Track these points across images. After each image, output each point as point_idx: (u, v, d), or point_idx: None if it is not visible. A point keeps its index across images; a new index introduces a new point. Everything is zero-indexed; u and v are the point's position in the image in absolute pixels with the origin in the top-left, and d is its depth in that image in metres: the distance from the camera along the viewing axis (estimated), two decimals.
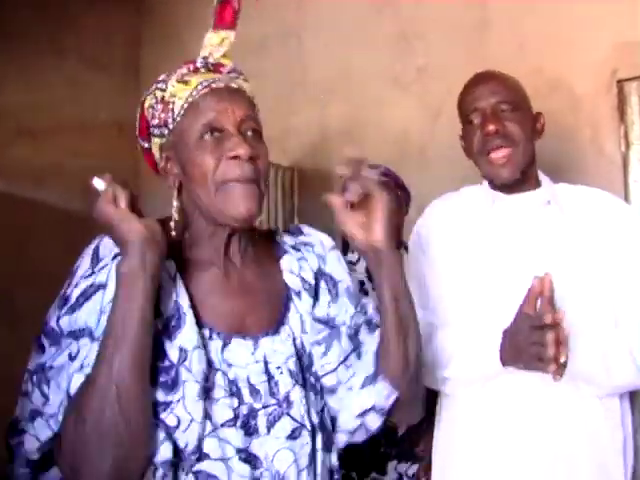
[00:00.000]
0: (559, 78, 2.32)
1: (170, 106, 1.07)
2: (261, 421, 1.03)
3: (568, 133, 2.28)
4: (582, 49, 2.28)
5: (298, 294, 1.14)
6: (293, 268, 1.16)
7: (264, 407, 1.03)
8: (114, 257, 1.00)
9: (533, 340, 1.24)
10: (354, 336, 1.17)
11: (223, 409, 1.00)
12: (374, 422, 1.14)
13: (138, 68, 3.60)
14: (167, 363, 0.98)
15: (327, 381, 1.13)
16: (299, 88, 3.05)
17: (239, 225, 1.05)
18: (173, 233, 1.06)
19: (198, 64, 1.10)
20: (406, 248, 2.04)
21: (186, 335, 1.00)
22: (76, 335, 0.98)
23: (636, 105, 2.20)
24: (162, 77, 1.11)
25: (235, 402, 1.01)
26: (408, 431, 1.89)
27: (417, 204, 2.56)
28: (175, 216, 1.08)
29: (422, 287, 1.51)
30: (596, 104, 2.27)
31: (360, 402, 1.13)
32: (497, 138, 1.42)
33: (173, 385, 0.97)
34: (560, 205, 1.47)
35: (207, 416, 0.98)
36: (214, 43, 1.11)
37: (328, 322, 1.16)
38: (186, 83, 1.07)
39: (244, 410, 1.02)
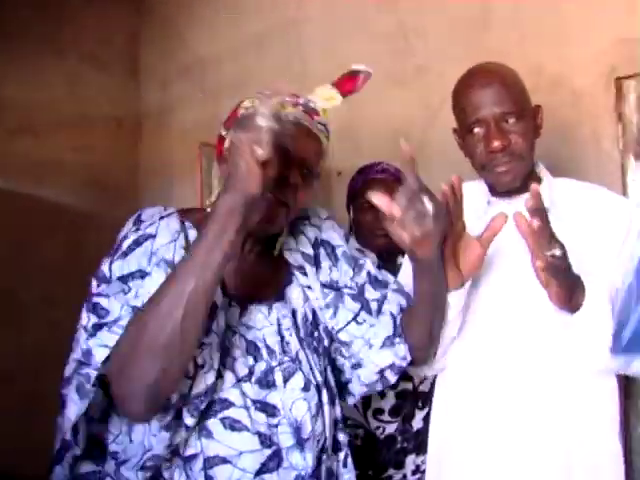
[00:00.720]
0: (559, 74, 2.32)
1: None
2: (278, 376, 1.18)
3: (568, 130, 2.28)
4: (582, 45, 2.28)
5: (300, 268, 1.30)
6: (292, 245, 1.32)
7: (279, 364, 1.18)
8: (161, 218, 1.15)
9: None
10: (359, 295, 1.33)
11: (241, 366, 1.15)
12: (391, 377, 1.32)
13: (138, 66, 3.61)
14: None
15: (342, 337, 1.30)
16: (298, 84, 3.04)
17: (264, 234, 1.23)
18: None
19: (300, 101, 1.25)
20: None
21: (217, 295, 1.12)
22: (126, 279, 1.09)
23: (634, 103, 2.19)
24: (270, 91, 1.21)
25: (251, 360, 1.17)
26: (425, 423, 1.90)
27: None
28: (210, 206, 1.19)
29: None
30: (595, 101, 2.27)
31: (380, 360, 1.30)
32: (503, 156, 1.37)
33: (207, 331, 1.09)
34: (557, 210, 1.41)
35: (232, 369, 1.14)
36: (324, 96, 1.26)
37: (332, 285, 1.32)
38: (282, 107, 1.17)
39: (261, 366, 1.17)
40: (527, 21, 2.41)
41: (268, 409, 1.15)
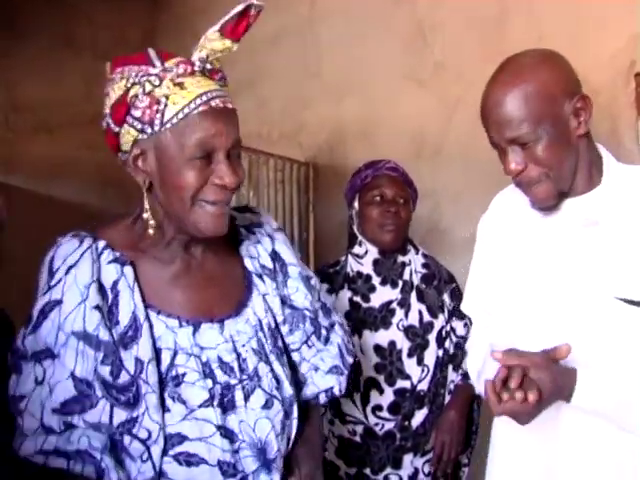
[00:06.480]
0: (578, 71, 2.29)
1: (160, 106, 1.04)
2: (238, 395, 1.10)
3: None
4: (600, 42, 2.25)
5: (260, 276, 1.21)
6: (252, 254, 1.24)
7: (240, 382, 1.10)
8: (67, 271, 1.05)
9: None
10: (314, 319, 1.27)
11: (199, 391, 1.06)
12: (322, 400, 1.28)
13: None
14: (126, 379, 1.02)
15: (293, 356, 1.24)
16: (314, 83, 3.04)
17: (206, 237, 1.11)
18: (151, 231, 1.09)
19: (196, 67, 1.07)
20: (413, 245, 2.03)
21: (143, 346, 1.04)
22: (39, 357, 1.02)
23: None
24: (156, 70, 1.07)
25: (209, 382, 1.08)
26: (423, 423, 1.89)
27: (432, 201, 2.55)
28: (147, 216, 1.10)
29: (479, 277, 1.48)
30: (614, 97, 2.25)
31: (323, 383, 1.26)
32: (522, 181, 1.26)
33: (135, 401, 1.02)
34: (611, 221, 1.24)
35: (181, 400, 1.05)
36: (216, 48, 1.07)
37: (285, 301, 1.24)
38: (182, 87, 1.04)
39: (219, 389, 1.08)
40: (544, 18, 2.39)
41: (228, 434, 1.07)
